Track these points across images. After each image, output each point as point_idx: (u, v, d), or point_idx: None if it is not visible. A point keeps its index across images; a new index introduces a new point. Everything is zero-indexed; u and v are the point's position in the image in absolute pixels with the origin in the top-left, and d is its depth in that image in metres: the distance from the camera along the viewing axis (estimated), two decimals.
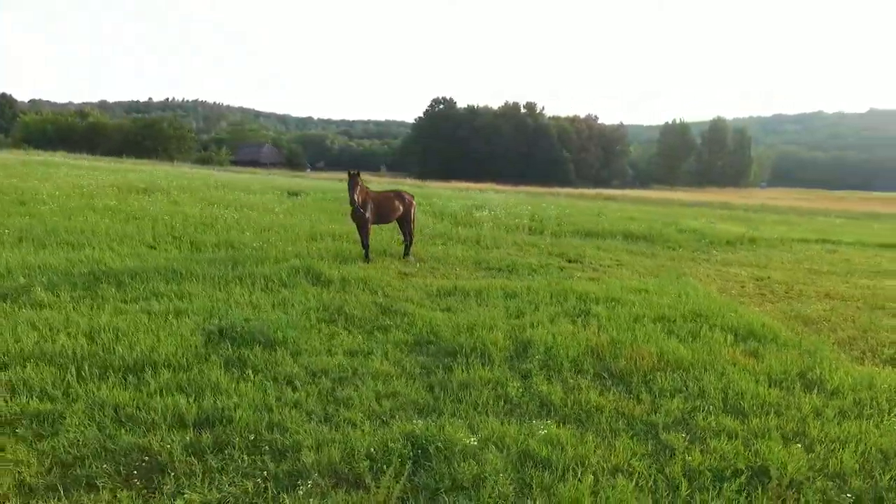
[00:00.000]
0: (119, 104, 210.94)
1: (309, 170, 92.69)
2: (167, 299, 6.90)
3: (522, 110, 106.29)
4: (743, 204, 47.10)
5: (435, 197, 25.84)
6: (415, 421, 4.47)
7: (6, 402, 4.25)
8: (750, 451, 4.35)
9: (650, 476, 3.97)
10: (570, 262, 12.45)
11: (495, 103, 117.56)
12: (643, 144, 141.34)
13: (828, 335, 7.76)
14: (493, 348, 6.14)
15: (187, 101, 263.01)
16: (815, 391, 5.53)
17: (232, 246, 10.56)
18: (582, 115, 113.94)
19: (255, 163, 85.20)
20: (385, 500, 3.52)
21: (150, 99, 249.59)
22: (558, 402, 5.03)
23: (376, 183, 48.41)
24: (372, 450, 4.00)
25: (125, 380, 4.79)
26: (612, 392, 5.27)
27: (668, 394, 5.29)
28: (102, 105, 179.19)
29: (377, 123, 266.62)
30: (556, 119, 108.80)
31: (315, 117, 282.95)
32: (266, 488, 3.55)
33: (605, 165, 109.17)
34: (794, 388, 5.60)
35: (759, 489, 3.89)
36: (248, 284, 7.90)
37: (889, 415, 5.13)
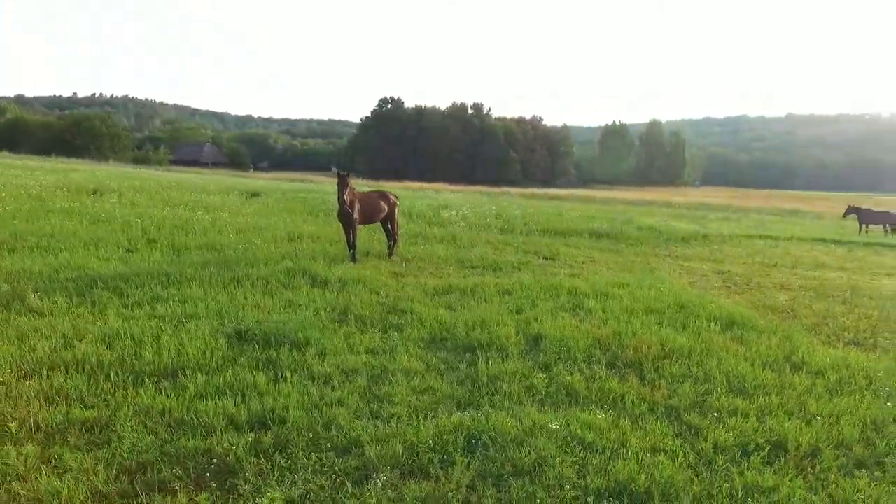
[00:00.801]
0: (38, 99, 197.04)
1: (252, 170, 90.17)
2: (171, 304, 6.72)
3: (470, 111, 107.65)
4: (683, 202, 49.73)
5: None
6: (459, 414, 4.64)
7: (47, 411, 4.09)
8: (764, 426, 4.78)
9: (685, 453, 4.32)
10: (546, 259, 12.88)
11: (442, 104, 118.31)
12: (584, 145, 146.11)
13: (795, 322, 8.49)
14: (508, 343, 6.38)
15: (116, 97, 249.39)
16: (803, 372, 6.09)
17: (214, 248, 10.31)
18: (527, 117, 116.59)
19: (196, 163, 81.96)
20: (456, 488, 3.67)
21: (74, 94, 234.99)
22: (583, 392, 5.32)
23: (328, 183, 47.81)
24: (430, 442, 4.14)
25: (159, 385, 4.70)
26: (629, 380, 5.61)
27: (678, 379, 5.69)
28: (20, 100, 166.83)
29: (321, 122, 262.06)
30: (502, 120, 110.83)
31: (255, 115, 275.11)
32: (343, 483, 3.63)
33: (551, 165, 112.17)
34: (784, 370, 6.14)
35: (782, 460, 4.32)
36: (248, 287, 7.79)
37: (868, 390, 5.74)
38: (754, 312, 8.79)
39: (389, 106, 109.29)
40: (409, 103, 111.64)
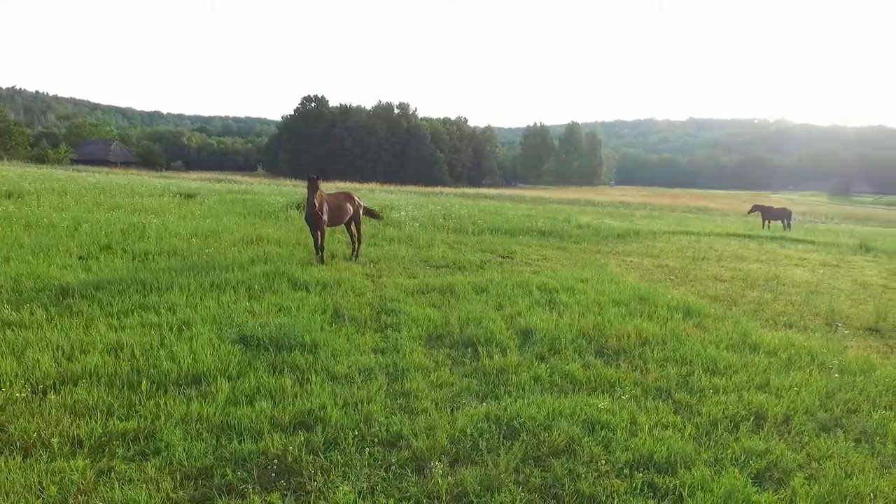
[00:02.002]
0: None
1: (165, 169, 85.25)
2: (160, 312, 6.51)
3: (396, 111, 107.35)
4: (605, 201, 52.58)
5: None
6: (484, 404, 4.94)
7: (82, 425, 3.96)
8: (742, 400, 5.44)
9: (685, 427, 4.87)
10: (503, 257, 13.40)
11: (368, 103, 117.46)
12: (505, 146, 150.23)
13: (737, 309, 9.48)
14: (503, 337, 6.75)
15: (0, 88, 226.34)
16: (759, 352, 6.91)
17: (177, 254, 9.91)
18: (452, 117, 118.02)
19: (102, 162, 76.18)
20: (505, 470, 3.98)
21: None
22: (583, 379, 5.78)
23: (256, 184, 46.20)
24: (468, 431, 4.42)
25: (185, 393, 4.64)
26: (621, 366, 6.15)
27: (661, 363, 6.30)
28: None
29: (237, 120, 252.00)
30: (428, 120, 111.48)
31: (164, 112, 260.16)
32: (402, 474, 3.83)
33: (476, 165, 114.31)
34: (744, 351, 6.94)
35: (764, 427, 4.97)
36: (231, 292, 7.65)
37: (813, 365, 6.63)
38: (702, 302, 9.72)
39: (313, 104, 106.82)
40: (334, 102, 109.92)
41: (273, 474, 3.69)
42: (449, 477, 3.84)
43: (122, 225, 12.14)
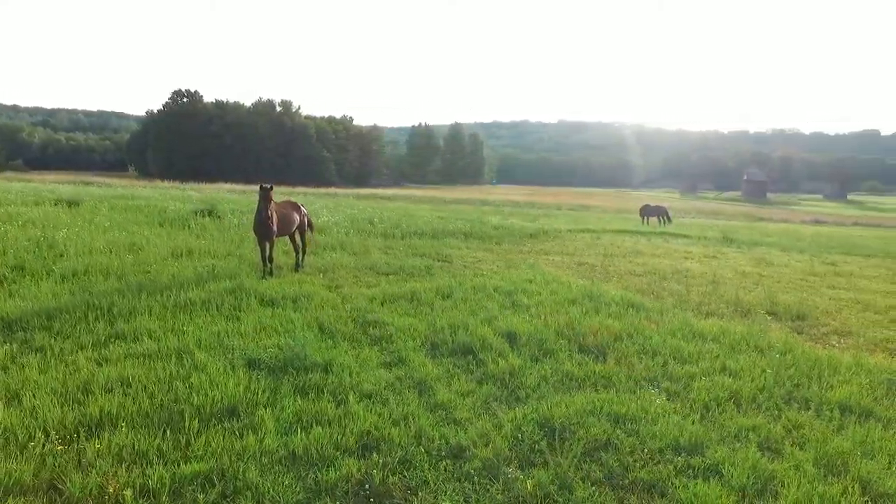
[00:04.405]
0: None
1: (2, 171, 74.48)
2: (141, 340, 5.97)
3: (278, 108, 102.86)
4: (496, 200, 54.88)
5: (227, 202, 24.19)
6: (512, 409, 5.24)
7: (143, 473, 3.63)
8: (716, 384, 6.27)
9: (689, 413, 5.54)
10: (442, 261, 13.68)
11: (246, 100, 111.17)
12: (389, 145, 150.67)
13: (664, 302, 10.64)
14: (494, 342, 7.07)
15: None
16: (709, 340, 7.91)
17: (111, 273, 8.95)
18: (337, 116, 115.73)
19: None
20: (569, 468, 4.33)
21: None
22: (582, 376, 6.29)
23: (129, 186, 41.98)
24: (518, 436, 4.70)
25: (225, 426, 4.40)
26: (608, 362, 6.75)
27: (638, 356, 7.01)
28: None
29: (88, 114, 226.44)
30: (312, 119, 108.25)
31: None
32: (487, 482, 4.02)
33: (364, 165, 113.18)
34: (695, 340, 7.89)
35: (743, 406, 5.81)
36: (203, 313, 7.17)
37: (751, 348, 7.73)
38: (638, 296, 10.77)
39: (185, 100, 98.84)
40: (208, 98, 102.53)
41: (371, 499, 3.70)
42: (529, 480, 4.09)
43: (25, 241, 10.65)
